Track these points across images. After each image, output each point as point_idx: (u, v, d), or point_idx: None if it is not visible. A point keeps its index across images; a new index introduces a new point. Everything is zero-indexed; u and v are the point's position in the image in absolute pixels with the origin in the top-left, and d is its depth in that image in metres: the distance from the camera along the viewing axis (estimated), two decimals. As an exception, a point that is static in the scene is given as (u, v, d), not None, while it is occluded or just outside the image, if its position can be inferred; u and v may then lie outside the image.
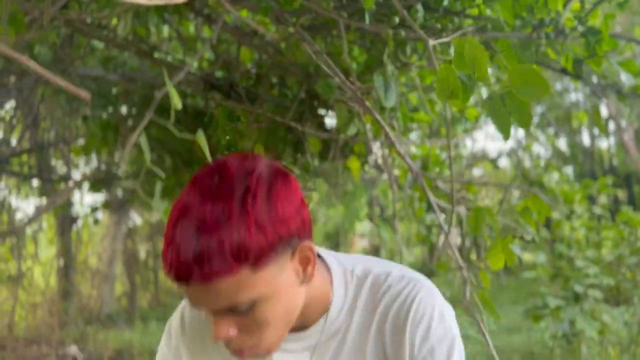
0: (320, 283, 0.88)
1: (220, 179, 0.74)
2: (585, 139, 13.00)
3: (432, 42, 1.26)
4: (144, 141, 1.17)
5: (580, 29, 1.33)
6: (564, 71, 1.68)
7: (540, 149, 13.50)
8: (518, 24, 1.41)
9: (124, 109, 3.95)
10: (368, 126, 2.01)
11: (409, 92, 2.64)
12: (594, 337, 3.85)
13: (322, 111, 3.23)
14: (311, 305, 0.87)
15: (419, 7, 1.64)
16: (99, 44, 3.38)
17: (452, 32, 1.48)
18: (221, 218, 0.70)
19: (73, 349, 6.24)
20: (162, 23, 2.97)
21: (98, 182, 4.14)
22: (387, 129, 1.54)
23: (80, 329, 6.87)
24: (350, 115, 2.12)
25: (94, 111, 3.72)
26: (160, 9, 2.66)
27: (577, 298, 3.53)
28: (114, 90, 3.91)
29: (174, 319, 0.99)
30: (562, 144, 13.84)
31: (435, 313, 0.86)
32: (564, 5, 1.44)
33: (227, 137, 3.30)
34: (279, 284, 0.76)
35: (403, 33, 1.47)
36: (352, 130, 2.19)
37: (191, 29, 3.02)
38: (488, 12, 1.73)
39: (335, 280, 0.90)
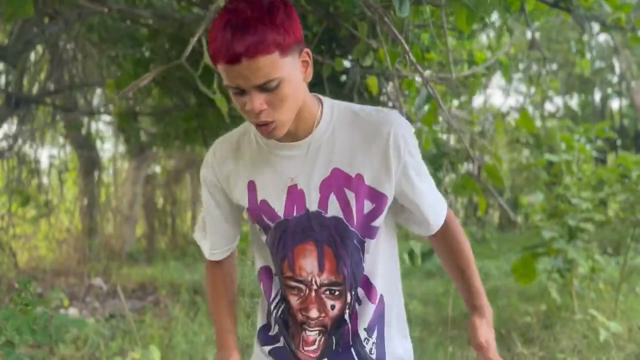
0: (311, 103, 1.20)
1: None
2: (597, 99, 13.05)
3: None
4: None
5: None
6: (555, 5, 1.88)
7: (551, 108, 13.57)
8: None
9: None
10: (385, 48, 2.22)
11: (422, 32, 2.85)
12: (585, 274, 4.14)
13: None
14: (304, 117, 1.20)
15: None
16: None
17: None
18: (259, 20, 1.03)
19: (98, 281, 6.66)
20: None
21: (127, 115, 4.40)
22: (402, 38, 1.78)
23: (104, 264, 7.27)
24: (366, 48, 2.35)
25: (124, 51, 3.96)
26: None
27: (571, 234, 3.79)
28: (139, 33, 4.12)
29: (209, 153, 1.34)
30: (574, 103, 13.90)
31: (409, 129, 1.22)
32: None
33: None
34: (293, 72, 1.10)
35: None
36: (367, 62, 2.42)
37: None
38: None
39: (325, 106, 1.23)
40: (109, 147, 9.67)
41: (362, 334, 1.30)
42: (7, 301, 4.85)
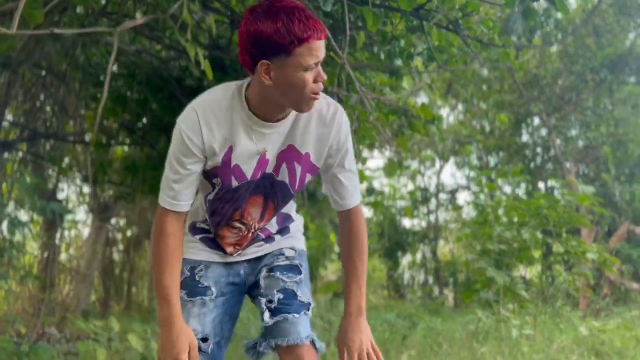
0: None
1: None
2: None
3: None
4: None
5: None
6: (447, 27, 2.47)
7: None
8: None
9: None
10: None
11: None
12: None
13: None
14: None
15: None
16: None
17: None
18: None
19: (52, 330, 6.67)
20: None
21: (103, 144, 4.80)
22: (337, 48, 2.32)
23: (59, 317, 7.27)
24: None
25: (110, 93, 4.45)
26: None
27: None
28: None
29: (186, 115, 1.56)
30: (521, 192, 14.81)
31: (347, 123, 1.65)
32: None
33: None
34: None
35: None
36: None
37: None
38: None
39: None
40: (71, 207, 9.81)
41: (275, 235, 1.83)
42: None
